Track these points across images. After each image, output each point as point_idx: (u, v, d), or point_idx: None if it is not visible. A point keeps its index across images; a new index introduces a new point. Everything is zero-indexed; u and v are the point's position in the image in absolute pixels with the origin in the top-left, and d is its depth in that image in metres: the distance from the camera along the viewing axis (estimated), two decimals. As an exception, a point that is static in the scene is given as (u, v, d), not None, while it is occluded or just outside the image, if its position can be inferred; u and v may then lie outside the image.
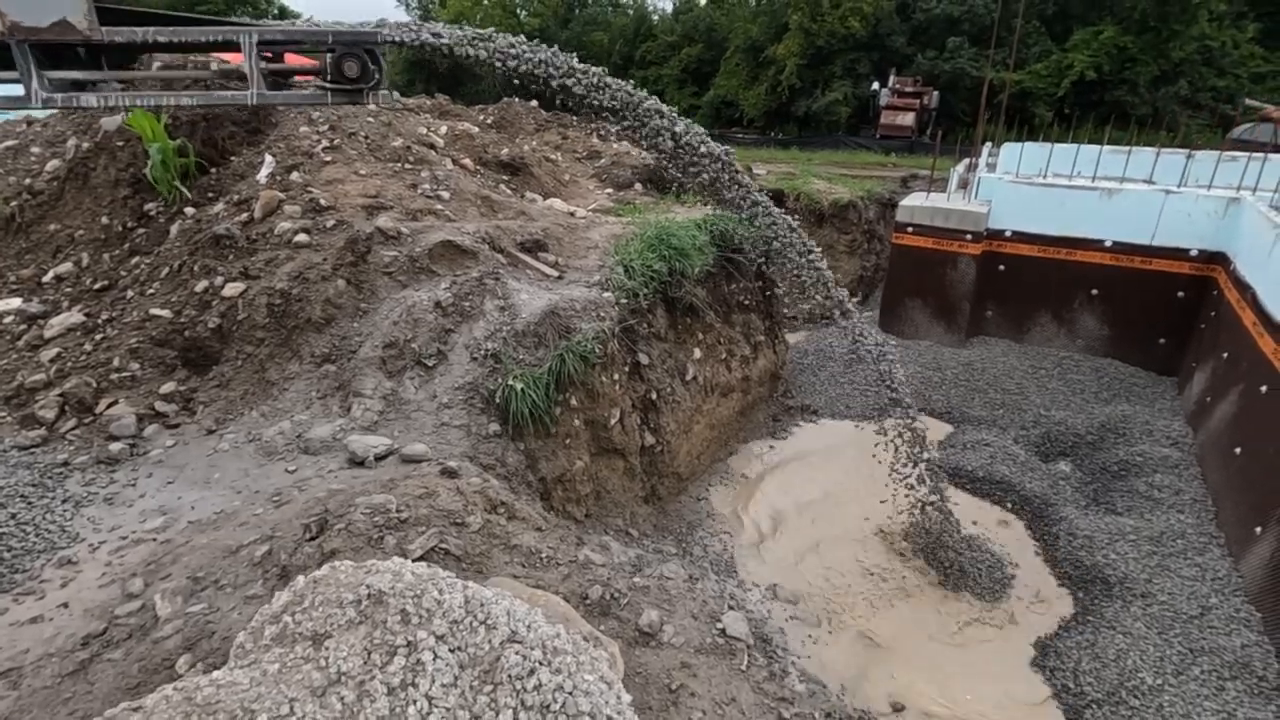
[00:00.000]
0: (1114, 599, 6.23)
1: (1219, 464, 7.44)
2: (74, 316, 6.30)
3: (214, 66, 2.65)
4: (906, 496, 6.96)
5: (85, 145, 7.88)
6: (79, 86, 2.49)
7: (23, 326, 6.26)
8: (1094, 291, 10.54)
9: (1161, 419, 8.82)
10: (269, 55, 2.91)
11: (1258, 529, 6.19)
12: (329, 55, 2.62)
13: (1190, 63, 29.19)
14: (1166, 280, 10.05)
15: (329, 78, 2.66)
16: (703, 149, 5.88)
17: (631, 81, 5.09)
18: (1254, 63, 29.39)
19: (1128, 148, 12.31)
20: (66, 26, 2.21)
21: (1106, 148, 12.12)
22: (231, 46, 2.64)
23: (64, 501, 4.39)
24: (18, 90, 2.39)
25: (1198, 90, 29.71)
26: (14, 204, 7.82)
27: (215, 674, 2.15)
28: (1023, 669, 5.74)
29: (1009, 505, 7.82)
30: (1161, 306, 10.12)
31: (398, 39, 3.08)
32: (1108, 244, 10.28)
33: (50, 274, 6.96)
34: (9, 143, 9.70)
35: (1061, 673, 5.57)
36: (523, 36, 4.30)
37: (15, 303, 6.54)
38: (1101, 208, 10.23)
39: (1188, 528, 6.83)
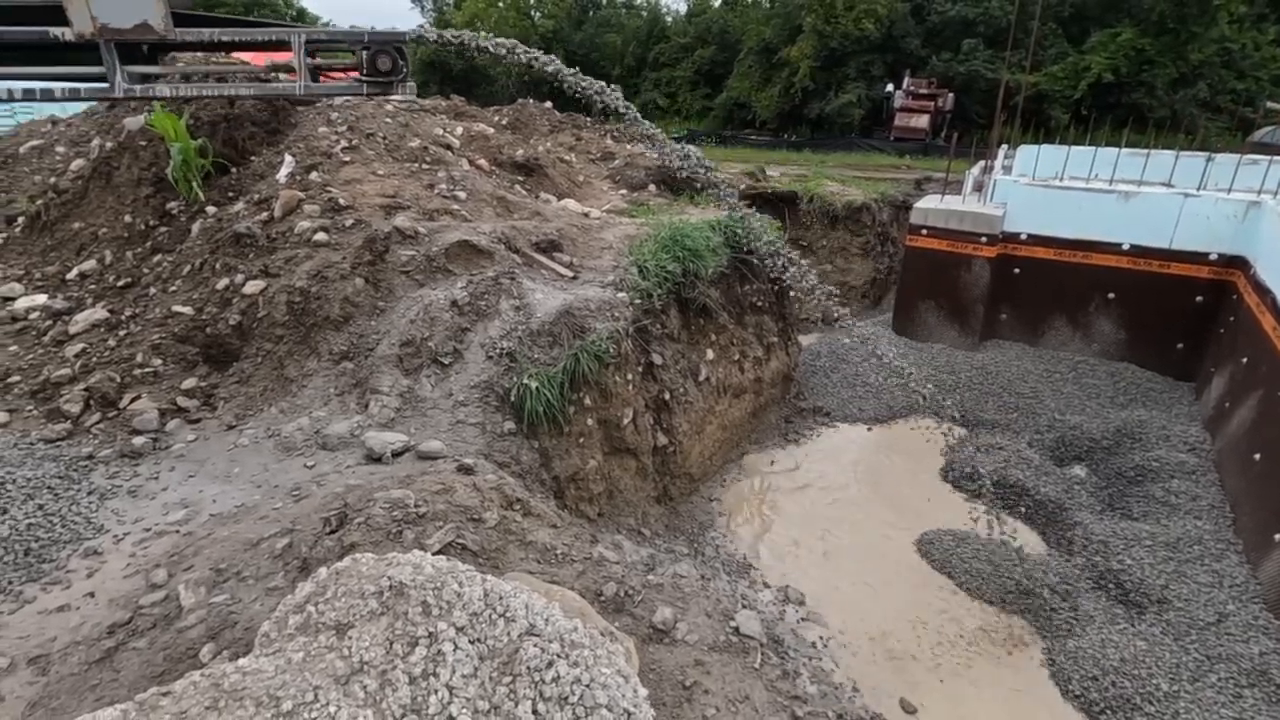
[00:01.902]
0: (1129, 605, 6.18)
1: (1238, 470, 7.37)
2: (98, 313, 6.42)
3: (265, 63, 2.94)
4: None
5: (109, 145, 8.02)
6: (146, 80, 2.76)
7: (48, 323, 6.39)
8: (1110, 295, 10.44)
9: (1179, 424, 8.73)
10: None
11: (1277, 536, 6.12)
12: (365, 52, 2.93)
13: (1210, 65, 28.85)
14: (1185, 284, 9.94)
15: (365, 72, 2.97)
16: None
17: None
18: (1275, 65, 29.03)
19: (1146, 150, 12.18)
20: (146, 28, 2.49)
21: (1124, 150, 12.02)
22: (283, 46, 2.89)
23: (89, 494, 4.48)
24: (101, 84, 2.69)
25: (1217, 93, 29.36)
26: (40, 202, 7.98)
27: (241, 661, 2.20)
28: (1036, 674, 5.71)
29: (1023, 510, 7.78)
30: (1179, 311, 10.01)
31: (431, 39, 3.35)
32: (1125, 247, 10.19)
33: (75, 271, 7.09)
34: (35, 142, 9.90)
35: (1076, 678, 5.53)
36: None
37: (41, 299, 6.68)
38: (1119, 211, 10.14)
39: (1205, 534, 6.76)
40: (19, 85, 2.62)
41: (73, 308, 6.60)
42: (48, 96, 2.66)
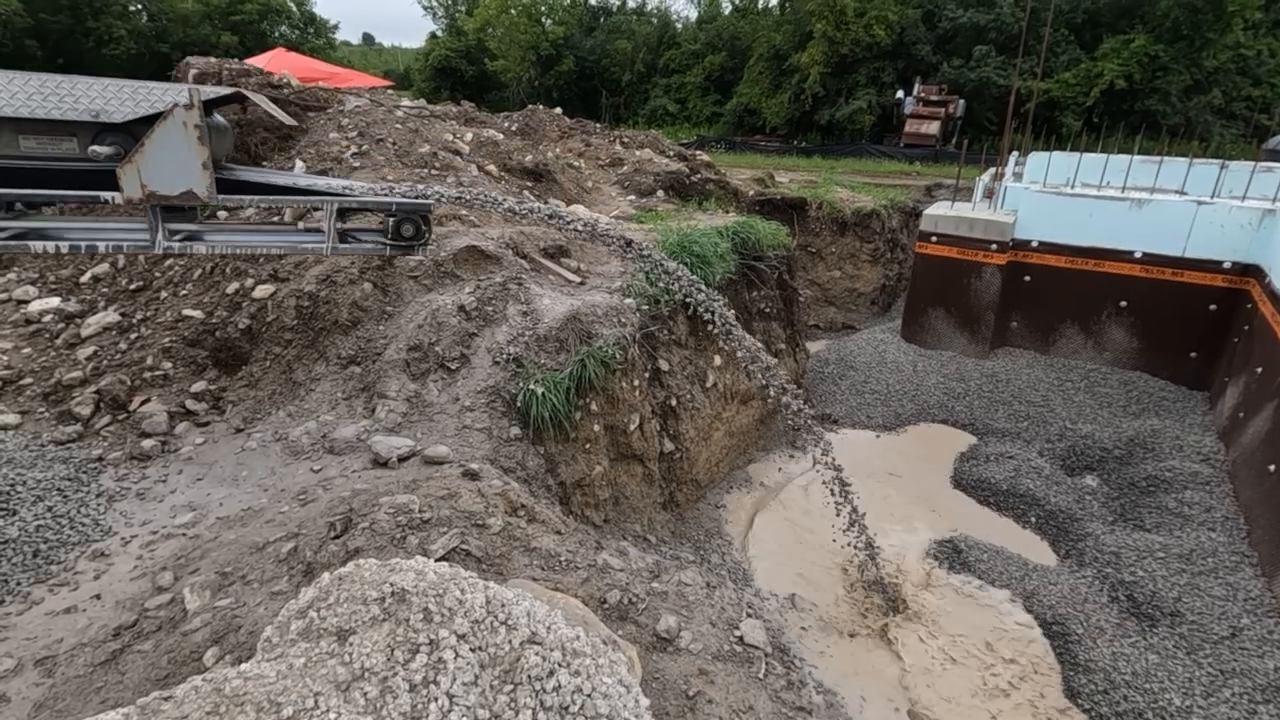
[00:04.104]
0: (1141, 617, 6.10)
1: (1252, 481, 7.26)
2: (110, 316, 6.47)
3: (300, 225, 3.19)
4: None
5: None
6: (186, 237, 3.01)
7: (61, 325, 6.45)
8: (1123, 303, 10.35)
9: (1192, 434, 8.63)
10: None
11: (1292, 549, 6.03)
12: (391, 219, 3.16)
13: (1224, 72, 28.61)
14: (1198, 293, 9.84)
15: (390, 236, 3.19)
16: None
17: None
18: (1291, 72, 28.75)
19: (1159, 158, 12.07)
20: (191, 195, 2.70)
21: (1136, 157, 11.91)
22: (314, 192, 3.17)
23: (98, 496, 4.51)
24: (144, 239, 2.90)
25: (1232, 100, 29.11)
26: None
27: (243, 666, 2.20)
28: (1046, 687, 5.64)
29: (1033, 519, 7.70)
30: (1192, 319, 9.91)
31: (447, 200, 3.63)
32: (1137, 255, 10.11)
33: (88, 274, 7.16)
34: (51, 147, 10.00)
35: (1087, 691, 5.46)
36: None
37: (54, 302, 6.74)
38: (1131, 218, 10.06)
39: (1219, 546, 6.67)
40: (66, 243, 2.80)
41: (85, 310, 6.66)
42: (92, 251, 2.87)
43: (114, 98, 2.58)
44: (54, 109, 2.53)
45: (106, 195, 2.67)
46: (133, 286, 6.93)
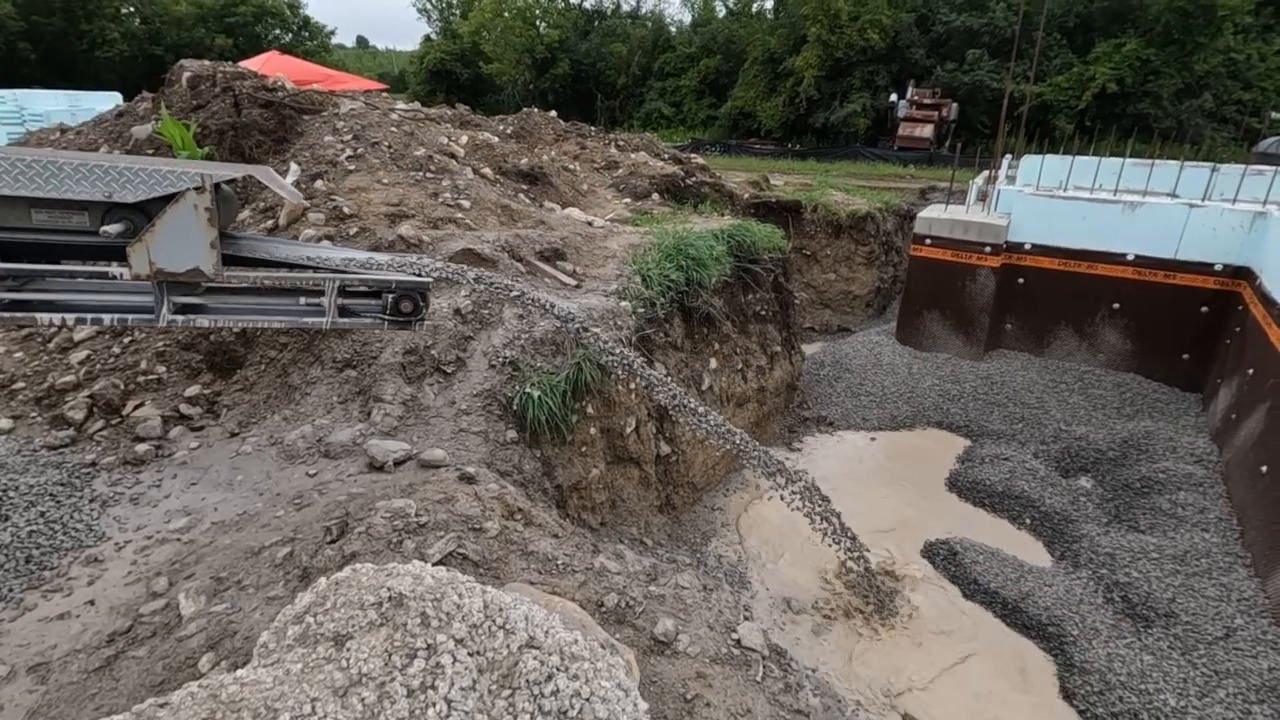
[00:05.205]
0: (1136, 618, 6.12)
1: (1245, 482, 7.31)
2: (103, 320, 6.44)
3: (302, 302, 3.22)
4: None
5: (117, 153, 8.07)
6: (189, 310, 3.08)
7: (54, 329, 6.41)
8: (1115, 305, 10.41)
9: (1185, 435, 8.67)
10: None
11: (1285, 549, 6.06)
12: (390, 295, 3.22)
13: (1215, 75, 28.85)
14: (1190, 295, 9.90)
15: (388, 311, 3.24)
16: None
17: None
18: (1281, 75, 29.01)
19: (1150, 161, 12.15)
20: (198, 273, 2.76)
21: (1129, 160, 11.99)
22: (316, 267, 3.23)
23: (91, 501, 4.49)
24: (148, 311, 2.95)
25: (1223, 103, 29.36)
26: (48, 210, 8.02)
27: (239, 672, 2.19)
28: (1043, 689, 5.65)
29: (1028, 521, 7.73)
30: (1185, 321, 9.97)
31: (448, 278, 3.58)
32: (1130, 258, 10.16)
33: (81, 278, 7.13)
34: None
35: (1081, 692, 5.48)
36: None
37: (47, 306, 6.70)
38: (1123, 221, 10.12)
39: (1213, 547, 6.70)
40: (72, 315, 2.86)
41: (79, 314, 6.62)
42: (97, 323, 2.93)
43: (129, 180, 2.65)
44: (68, 190, 2.59)
45: (115, 270, 2.75)
46: (126, 290, 6.90)
